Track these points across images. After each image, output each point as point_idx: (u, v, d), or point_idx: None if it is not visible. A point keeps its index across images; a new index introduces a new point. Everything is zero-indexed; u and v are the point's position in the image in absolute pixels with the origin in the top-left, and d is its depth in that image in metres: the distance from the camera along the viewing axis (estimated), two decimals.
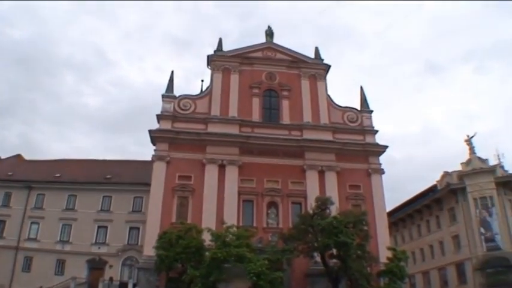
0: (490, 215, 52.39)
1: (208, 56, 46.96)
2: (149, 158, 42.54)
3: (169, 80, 45.34)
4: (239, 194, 40.65)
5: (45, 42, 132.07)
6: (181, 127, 42.80)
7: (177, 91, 45.25)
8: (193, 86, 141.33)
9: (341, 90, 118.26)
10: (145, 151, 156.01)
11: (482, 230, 52.13)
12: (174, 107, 43.80)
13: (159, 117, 43.00)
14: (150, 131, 42.10)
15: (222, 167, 41.39)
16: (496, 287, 49.62)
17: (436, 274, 58.86)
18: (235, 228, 32.20)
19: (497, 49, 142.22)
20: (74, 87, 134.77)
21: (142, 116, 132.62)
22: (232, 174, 41.20)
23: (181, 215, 38.60)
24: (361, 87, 48.80)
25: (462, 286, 53.26)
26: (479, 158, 55.82)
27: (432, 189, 61.06)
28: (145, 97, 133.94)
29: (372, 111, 47.63)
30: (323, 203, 33.65)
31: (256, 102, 45.68)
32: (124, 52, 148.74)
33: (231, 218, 36.11)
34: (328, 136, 44.62)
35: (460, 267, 54.28)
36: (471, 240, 52.59)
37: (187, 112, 43.98)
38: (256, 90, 46.13)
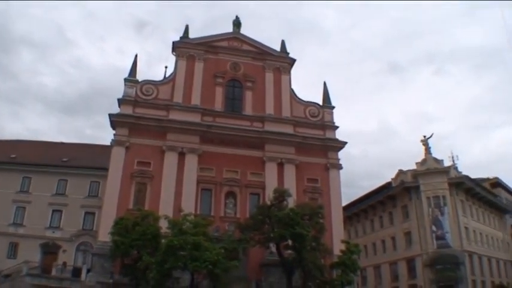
0: (442, 214, 54.24)
1: (173, 42, 46.42)
2: (107, 143, 41.97)
3: (133, 64, 44.61)
4: (198, 182, 40.51)
5: (1, 17, 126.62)
6: (142, 112, 42.17)
7: (139, 76, 44.72)
8: (155, 72, 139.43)
9: (304, 85, 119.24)
10: (102, 135, 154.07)
11: (433, 228, 53.96)
12: (136, 92, 43.09)
13: (120, 102, 42.25)
14: (110, 115, 41.35)
15: (182, 155, 41.15)
16: (444, 283, 51.58)
17: (387, 268, 60.56)
18: (192, 216, 32.28)
19: (456, 54, 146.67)
20: (30, 65, 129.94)
21: (100, 99, 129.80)
22: (191, 163, 41.02)
23: (139, 202, 38.28)
24: (324, 83, 49.37)
25: (412, 281, 55.08)
26: (434, 159, 57.62)
27: (387, 187, 62.73)
28: (104, 80, 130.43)
29: (333, 107, 48.24)
30: (281, 194, 34.01)
31: (219, 92, 45.48)
32: (85, 32, 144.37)
33: (188, 206, 36.18)
34: (289, 129, 44.97)
35: (410, 262, 56.08)
36: (422, 237, 54.34)
37: (150, 98, 43.33)
38: (220, 80, 45.92)
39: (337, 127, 47.22)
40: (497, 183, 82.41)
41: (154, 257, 28.56)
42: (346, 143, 46.41)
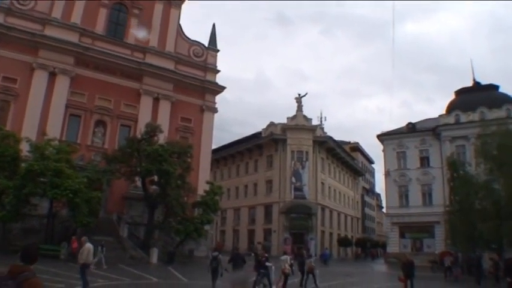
0: (303, 167, 58.00)
1: None
2: None
3: None
4: (67, 107, 38.09)
5: None
6: (14, 23, 37.72)
7: None
8: None
9: (192, 23, 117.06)
10: None
11: (293, 179, 57.61)
12: None
13: None
14: None
15: (53, 75, 38.06)
16: (296, 230, 55.98)
17: (246, 212, 64.00)
18: (57, 142, 30.96)
19: (343, 19, 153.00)
20: None
21: None
22: (63, 85, 38.22)
23: (0, 121, 35.09)
24: (213, 25, 48.85)
25: (267, 225, 58.85)
26: (304, 116, 60.77)
27: (257, 136, 65.43)
28: None
29: (218, 50, 48.19)
30: (152, 129, 33.85)
31: (103, 14, 42.38)
32: None
33: (54, 131, 34.28)
34: (170, 65, 44.08)
35: (268, 208, 59.71)
36: (282, 186, 57.86)
37: (26, 8, 38.76)
38: (105, 1, 42.66)
39: (219, 71, 47.49)
40: (356, 147, 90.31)
41: (12, 181, 27.07)
42: (224, 88, 47.07)
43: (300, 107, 60.99)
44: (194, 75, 45.68)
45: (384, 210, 66.57)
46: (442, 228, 42.01)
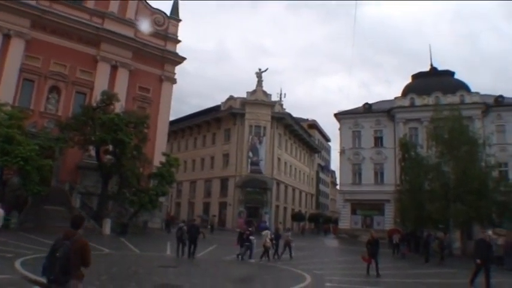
0: (260, 142, 58.39)
1: None
2: None
3: None
4: (21, 71, 36.52)
5: None
6: None
7: None
8: None
9: None
10: None
11: (250, 154, 57.94)
12: None
13: None
14: None
15: (7, 38, 36.32)
16: (252, 204, 56.68)
17: (202, 184, 64.16)
18: (9, 107, 29.94)
19: None
20: None
21: None
22: (17, 48, 36.54)
23: None
24: None
25: (223, 199, 59.24)
26: (264, 92, 60.87)
27: (215, 109, 65.10)
28: None
29: (180, 20, 47.36)
30: (109, 98, 33.14)
31: None
32: None
33: (7, 96, 33.06)
34: (130, 32, 42.88)
35: (224, 182, 60.05)
36: (239, 160, 58.15)
37: None
38: None
39: (180, 41, 46.79)
40: (314, 125, 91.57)
41: None
42: (185, 58, 46.47)
43: (260, 82, 60.93)
44: (155, 44, 44.76)
45: (338, 187, 67.95)
46: (392, 206, 43.43)
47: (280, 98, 65.94)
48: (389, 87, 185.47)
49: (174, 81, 45.67)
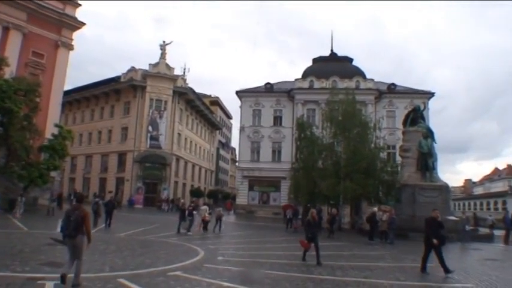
0: (161, 117, 57.52)
1: None
2: None
3: None
4: None
5: None
6: None
7: None
8: None
9: None
10: None
11: (150, 128, 56.94)
12: None
13: None
14: None
15: None
16: (150, 179, 55.99)
17: (98, 159, 61.84)
18: None
19: None
20: None
21: None
22: None
23: None
24: None
25: (120, 174, 57.75)
26: (167, 65, 59.77)
27: (115, 80, 62.38)
28: None
29: None
30: None
31: None
32: None
33: None
34: None
35: (122, 156, 58.50)
36: (138, 135, 56.90)
37: None
38: None
39: (80, 5, 44.09)
40: (216, 101, 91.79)
41: None
42: (84, 24, 43.89)
43: (163, 55, 59.59)
44: (52, 6, 41.51)
45: (237, 164, 68.88)
46: (288, 183, 44.92)
47: (184, 72, 65.03)
48: (293, 68, 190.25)
49: (71, 47, 43.13)
